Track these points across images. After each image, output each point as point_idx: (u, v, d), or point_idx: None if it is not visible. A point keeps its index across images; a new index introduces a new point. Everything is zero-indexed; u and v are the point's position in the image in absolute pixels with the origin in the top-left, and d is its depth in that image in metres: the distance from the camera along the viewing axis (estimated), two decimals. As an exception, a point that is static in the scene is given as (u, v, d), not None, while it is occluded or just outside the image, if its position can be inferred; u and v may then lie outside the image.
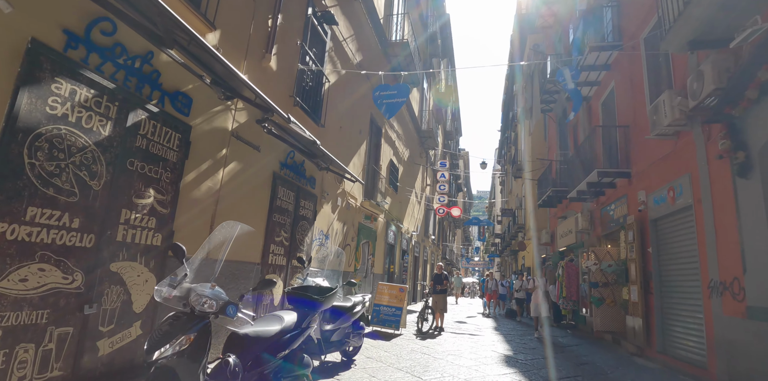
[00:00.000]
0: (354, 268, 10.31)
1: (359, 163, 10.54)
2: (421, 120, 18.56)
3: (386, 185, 13.01)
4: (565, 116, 14.33)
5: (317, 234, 8.14)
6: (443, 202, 20.04)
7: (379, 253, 12.37)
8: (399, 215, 14.94)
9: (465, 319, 13.65)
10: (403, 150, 15.36)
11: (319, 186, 8.16)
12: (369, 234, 11.34)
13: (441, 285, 10.08)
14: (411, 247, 17.30)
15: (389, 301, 9.17)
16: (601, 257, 10.23)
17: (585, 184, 9.63)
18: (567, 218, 13.76)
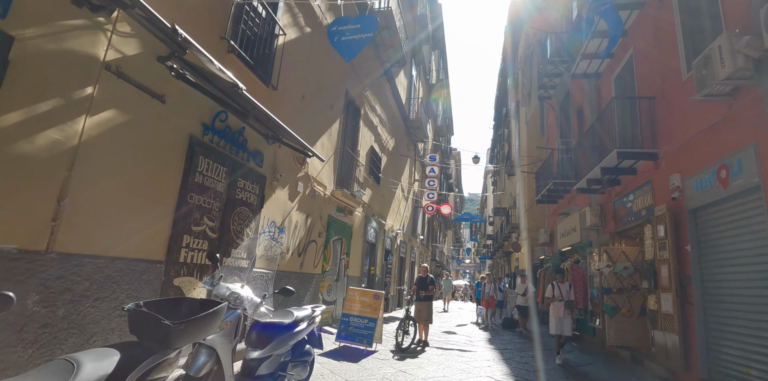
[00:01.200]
0: (321, 269, 8.46)
1: (329, 144, 8.72)
2: (409, 109, 16.81)
3: (365, 175, 11.20)
4: (567, 101, 12.65)
5: (266, 225, 6.29)
6: (432, 199, 18.28)
7: (355, 253, 10.54)
8: (381, 210, 13.13)
9: (455, 328, 11.83)
10: (387, 138, 13.57)
11: (269, 165, 6.33)
12: (342, 230, 9.50)
13: (426, 290, 8.27)
14: (396, 246, 15.49)
15: (361, 311, 7.34)
16: (615, 258, 8.49)
17: (599, 170, 7.89)
18: (569, 215, 12.03)
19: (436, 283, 8.40)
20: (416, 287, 8.38)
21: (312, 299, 8.03)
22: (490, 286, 12.71)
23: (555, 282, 8.07)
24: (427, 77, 22.48)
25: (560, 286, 7.95)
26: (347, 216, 9.65)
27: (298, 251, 7.44)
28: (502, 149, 29.87)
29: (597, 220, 9.37)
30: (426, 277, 8.40)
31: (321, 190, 8.31)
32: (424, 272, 8.46)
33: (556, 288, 7.89)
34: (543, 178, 12.83)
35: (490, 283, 12.86)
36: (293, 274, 7.23)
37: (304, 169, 7.53)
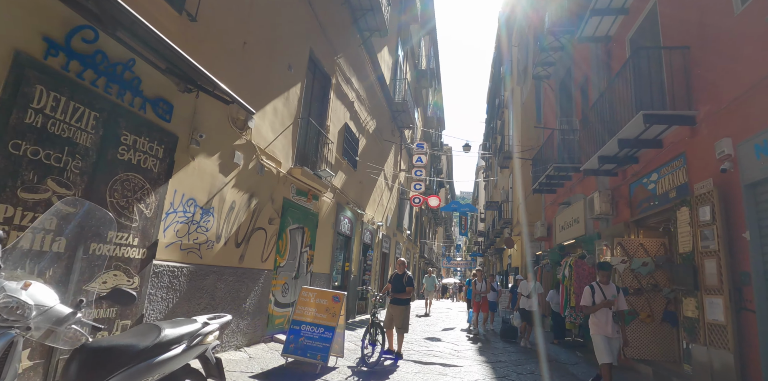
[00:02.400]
0: (274, 264, 6.78)
1: (286, 112, 7.05)
2: (394, 90, 15.15)
3: (338, 156, 9.52)
4: (569, 77, 11.05)
5: (178, 202, 4.60)
6: (420, 191, 16.64)
7: (323, 245, 8.85)
8: (359, 199, 11.45)
9: (440, 333, 10.19)
10: (366, 118, 11.89)
11: (183, 121, 4.63)
12: (304, 217, 7.82)
13: (402, 291, 6.59)
14: (378, 241, 13.82)
15: (316, 317, 5.66)
16: (632, 252, 6.91)
17: (615, 143, 6.28)
18: (571, 205, 10.44)
19: (414, 284, 6.73)
20: (390, 286, 6.72)
21: (258, 301, 6.35)
22: (482, 285, 10.43)
23: (595, 283, 5.27)
24: (416, 62, 20.84)
25: (603, 289, 5.10)
26: (311, 201, 7.96)
27: (237, 240, 5.75)
28: (494, 142, 28.33)
29: (607, 208, 7.77)
30: (403, 274, 6.73)
31: (272, 165, 6.62)
32: (401, 268, 6.79)
33: (597, 292, 5.08)
34: (541, 163, 11.23)
35: (482, 280, 10.58)
36: (228, 270, 5.54)
37: (245, 136, 5.83)
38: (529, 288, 9.03)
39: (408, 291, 6.50)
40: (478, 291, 10.38)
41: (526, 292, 9.02)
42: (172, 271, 4.51)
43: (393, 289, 6.64)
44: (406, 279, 6.64)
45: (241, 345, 5.95)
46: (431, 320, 12.87)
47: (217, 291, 5.30)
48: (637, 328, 6.56)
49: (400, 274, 6.74)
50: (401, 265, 6.81)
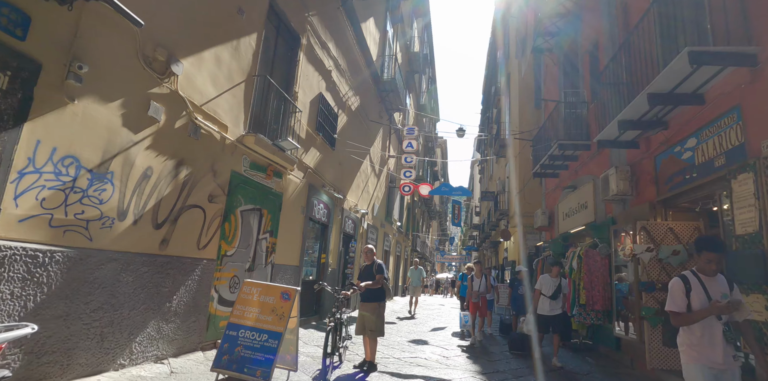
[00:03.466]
0: (217, 252, 5.39)
1: (235, 65, 5.64)
2: (382, 68, 13.74)
3: (309, 129, 8.13)
4: (575, 45, 9.67)
5: (44, 159, 3.21)
6: (410, 178, 15.27)
7: (289, 232, 7.47)
8: (339, 183, 10.06)
9: (428, 334, 8.85)
10: (347, 92, 10.49)
11: (53, 44, 3.23)
12: (262, 197, 6.42)
13: (372, 286, 5.21)
14: (362, 231, 12.45)
15: (258, 320, 4.29)
16: (659, 238, 5.58)
17: (644, 100, 4.92)
18: (577, 188, 9.10)
19: (385, 272, 5.32)
20: (359, 282, 5.35)
21: (193, 299, 4.97)
22: (480, 282, 8.25)
23: (690, 271, 2.89)
24: (408, 43, 19.41)
25: (706, 283, 2.77)
26: (271, 178, 6.57)
27: (155, 219, 4.36)
28: (490, 133, 26.99)
29: (626, 187, 6.42)
30: (371, 264, 5.35)
31: (213, 129, 5.22)
32: (368, 257, 5.40)
33: (696, 287, 2.77)
34: (543, 142, 9.88)
35: (480, 276, 8.36)
36: (140, 258, 4.15)
37: (167, 84, 4.43)
38: (553, 285, 6.24)
39: (377, 280, 5.11)
40: (477, 290, 8.23)
41: (548, 290, 6.22)
42: (33, 256, 3.12)
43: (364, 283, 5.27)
44: (376, 268, 5.26)
45: (166, 355, 4.57)
46: (419, 320, 11.52)
47: (121, 286, 3.92)
48: (666, 331, 5.24)
49: (369, 265, 5.37)
50: (368, 253, 5.40)
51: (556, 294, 6.23)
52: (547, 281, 6.31)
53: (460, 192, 12.29)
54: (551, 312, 6.16)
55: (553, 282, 6.28)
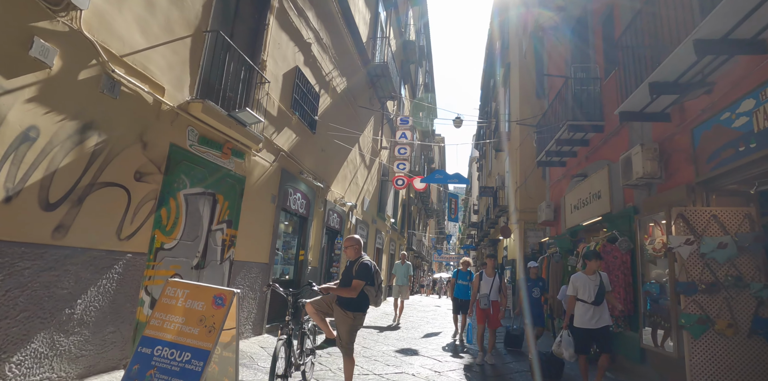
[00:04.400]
0: (150, 245, 4.26)
1: (177, 14, 4.52)
2: (373, 50, 12.62)
3: (282, 106, 7.00)
4: (584, 16, 8.55)
5: None
6: (404, 171, 14.14)
7: (256, 224, 6.34)
8: (321, 171, 8.94)
9: (418, 341, 7.72)
10: (331, 71, 9.36)
11: None
12: (216, 179, 5.28)
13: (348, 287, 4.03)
14: (350, 226, 11.33)
15: (180, 334, 3.17)
16: (701, 229, 4.48)
17: (689, 48, 3.80)
18: (588, 177, 7.98)
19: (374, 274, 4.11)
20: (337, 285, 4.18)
21: (111, 304, 3.84)
22: (492, 282, 6.21)
23: None
24: (402, 30, 18.30)
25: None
26: (229, 158, 5.44)
27: (47, 199, 3.24)
28: (489, 127, 25.90)
29: (654, 168, 5.30)
30: (355, 261, 4.18)
31: (143, 88, 4.09)
32: (353, 251, 4.19)
33: None
34: (548, 126, 8.76)
35: (493, 275, 6.35)
36: (17, 249, 3.02)
37: (64, 18, 3.30)
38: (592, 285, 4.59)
39: (353, 286, 3.96)
40: (484, 293, 6.14)
41: (588, 294, 4.56)
42: None
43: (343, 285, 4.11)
44: (357, 268, 4.09)
45: (66, 377, 3.44)
46: (410, 324, 10.38)
47: (-21, 287, 2.79)
48: (712, 342, 4.14)
49: (352, 262, 4.19)
50: (353, 246, 4.16)
51: (600, 298, 4.54)
52: (584, 282, 4.64)
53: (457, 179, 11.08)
54: (596, 324, 4.46)
55: (592, 281, 4.61)
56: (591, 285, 4.63)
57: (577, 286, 4.72)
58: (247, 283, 6.03)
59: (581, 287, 4.68)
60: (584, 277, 4.73)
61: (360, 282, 3.92)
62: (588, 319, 4.54)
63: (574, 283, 4.75)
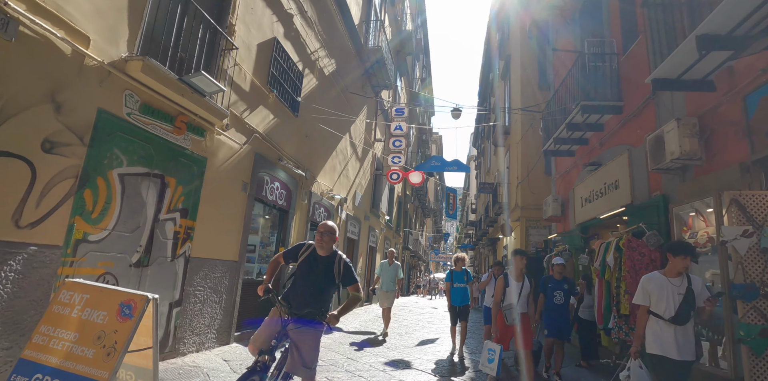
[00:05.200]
0: (68, 235, 3.30)
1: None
2: (365, 35, 11.70)
3: (255, 79, 6.06)
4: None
5: None
6: (398, 164, 13.21)
7: (224, 216, 5.40)
8: (305, 159, 7.99)
9: (412, 350, 6.78)
10: (317, 50, 8.44)
11: None
12: (165, 158, 4.33)
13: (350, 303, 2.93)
14: (340, 222, 10.39)
15: (68, 357, 2.22)
16: (761, 218, 3.56)
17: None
18: (604, 165, 7.07)
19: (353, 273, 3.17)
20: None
21: (4, 311, 2.89)
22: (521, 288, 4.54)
23: None
24: (398, 19, 17.40)
25: None
26: (183, 134, 4.49)
27: None
28: (489, 118, 25.02)
29: (693, 146, 4.38)
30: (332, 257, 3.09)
31: (57, 34, 3.15)
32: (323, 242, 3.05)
33: None
34: (557, 109, 7.86)
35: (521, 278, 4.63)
36: None
37: None
38: (676, 294, 3.04)
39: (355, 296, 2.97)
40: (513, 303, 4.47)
41: (667, 308, 3.03)
42: None
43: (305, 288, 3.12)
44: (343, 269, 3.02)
45: None
46: (403, 330, 9.44)
47: None
48: (781, 362, 3.23)
49: (324, 258, 3.20)
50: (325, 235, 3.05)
51: (685, 314, 2.99)
52: (662, 286, 3.08)
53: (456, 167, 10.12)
54: (683, 354, 2.95)
55: (675, 287, 3.05)
56: (672, 293, 3.05)
57: (651, 290, 3.11)
58: (210, 285, 5.08)
59: (657, 294, 3.08)
60: (662, 278, 3.12)
61: (357, 286, 3.06)
62: (673, 345, 2.96)
63: (645, 286, 3.16)
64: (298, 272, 3.08)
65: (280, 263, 3.24)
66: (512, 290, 4.51)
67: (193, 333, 4.80)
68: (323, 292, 3.02)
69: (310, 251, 3.10)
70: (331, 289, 3.06)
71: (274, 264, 3.22)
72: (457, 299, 6.40)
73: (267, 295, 2.91)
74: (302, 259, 3.08)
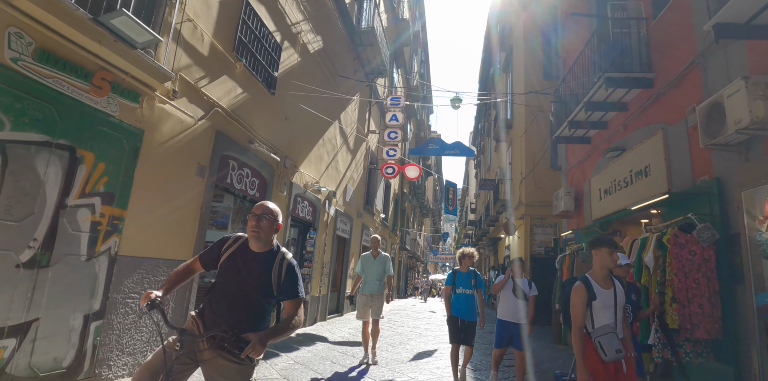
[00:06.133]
0: None
1: None
2: (357, 15, 10.69)
3: (218, 44, 5.02)
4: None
5: None
6: (394, 158, 12.17)
7: (176, 207, 4.35)
8: (283, 143, 6.94)
9: (406, 368, 5.72)
10: (300, 24, 7.41)
11: None
12: (78, 125, 3.28)
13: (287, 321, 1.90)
14: (329, 219, 9.34)
15: None
16: None
17: None
18: (630, 150, 6.02)
19: (297, 281, 2.17)
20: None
21: None
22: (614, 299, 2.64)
23: None
24: (394, 5, 16.41)
25: None
26: (105, 94, 3.44)
27: None
28: (488, 121, 24.05)
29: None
30: (273, 254, 2.02)
31: None
32: (262, 226, 1.98)
33: None
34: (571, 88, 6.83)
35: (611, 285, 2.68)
36: None
37: None
38: None
39: (290, 315, 1.93)
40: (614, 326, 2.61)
41: None
42: None
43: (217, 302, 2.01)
44: (285, 273, 1.98)
45: None
46: (398, 337, 8.38)
47: None
48: None
49: (260, 254, 2.03)
50: (263, 218, 2.00)
51: None
52: None
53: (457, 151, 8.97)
54: None
55: None
56: None
57: None
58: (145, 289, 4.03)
59: None
60: None
61: (299, 303, 1.99)
62: None
63: None
64: (220, 276, 2.04)
65: (195, 271, 2.17)
66: (603, 300, 2.63)
67: (124, 352, 3.74)
68: (255, 305, 1.98)
69: (239, 245, 2.06)
70: (268, 301, 2.02)
71: (184, 271, 2.14)
72: (460, 309, 4.62)
73: (150, 310, 1.85)
74: (226, 256, 2.04)
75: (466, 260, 4.75)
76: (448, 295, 4.75)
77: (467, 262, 4.76)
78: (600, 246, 2.68)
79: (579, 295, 2.62)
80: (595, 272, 2.71)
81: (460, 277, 4.76)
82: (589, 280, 2.67)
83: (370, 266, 5.65)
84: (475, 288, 4.69)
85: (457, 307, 4.64)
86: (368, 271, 5.63)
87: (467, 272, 4.77)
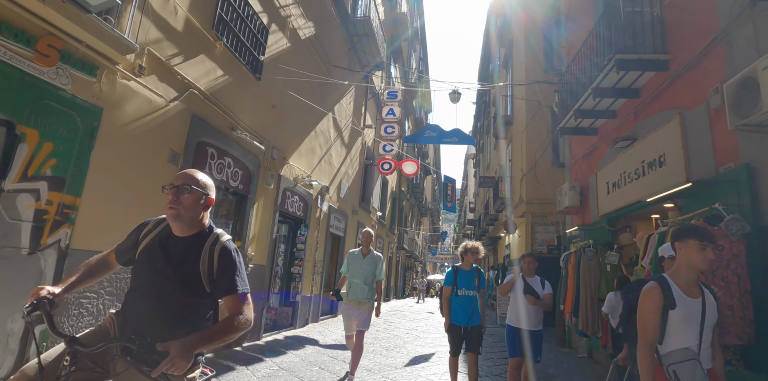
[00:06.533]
0: None
1: None
2: (353, 5, 10.26)
3: (193, 18, 4.57)
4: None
5: None
6: (390, 153, 11.73)
7: (142, 197, 3.90)
8: (270, 133, 6.49)
9: (400, 374, 5.29)
10: (289, 5, 6.97)
11: None
12: (25, 102, 2.84)
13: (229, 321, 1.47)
14: (321, 215, 8.89)
15: None
16: None
17: None
18: (642, 138, 5.59)
19: (235, 271, 1.77)
20: None
21: None
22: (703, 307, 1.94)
23: None
24: None
25: None
26: (52, 64, 3.00)
27: None
28: (486, 119, 23.64)
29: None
30: (202, 238, 1.59)
31: None
32: (183, 200, 1.55)
33: None
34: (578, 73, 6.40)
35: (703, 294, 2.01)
36: None
37: None
38: None
39: (234, 314, 1.49)
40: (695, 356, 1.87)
41: None
42: None
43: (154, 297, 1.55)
44: (218, 260, 1.54)
45: None
46: (394, 340, 7.93)
47: None
48: None
49: (183, 239, 1.61)
50: (183, 190, 1.55)
51: None
52: None
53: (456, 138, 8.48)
54: None
55: None
56: None
57: None
58: (109, 289, 3.58)
59: None
60: None
61: (241, 298, 1.54)
62: None
63: None
64: (136, 267, 1.60)
65: (111, 266, 1.73)
66: (685, 314, 1.93)
67: (78, 359, 3.28)
68: (182, 308, 1.53)
69: (159, 230, 1.62)
70: (200, 301, 1.57)
71: (98, 265, 1.71)
72: (461, 315, 3.96)
73: (31, 313, 1.42)
74: (144, 245, 1.60)
75: (469, 256, 4.10)
76: (448, 298, 4.03)
77: (470, 258, 4.10)
78: (686, 237, 1.97)
79: (652, 299, 1.92)
80: (678, 273, 2.01)
81: (462, 276, 4.05)
82: (668, 282, 1.97)
83: (358, 266, 4.56)
84: (478, 288, 4.09)
85: (459, 313, 3.96)
86: (355, 272, 4.57)
87: (470, 270, 4.10)
